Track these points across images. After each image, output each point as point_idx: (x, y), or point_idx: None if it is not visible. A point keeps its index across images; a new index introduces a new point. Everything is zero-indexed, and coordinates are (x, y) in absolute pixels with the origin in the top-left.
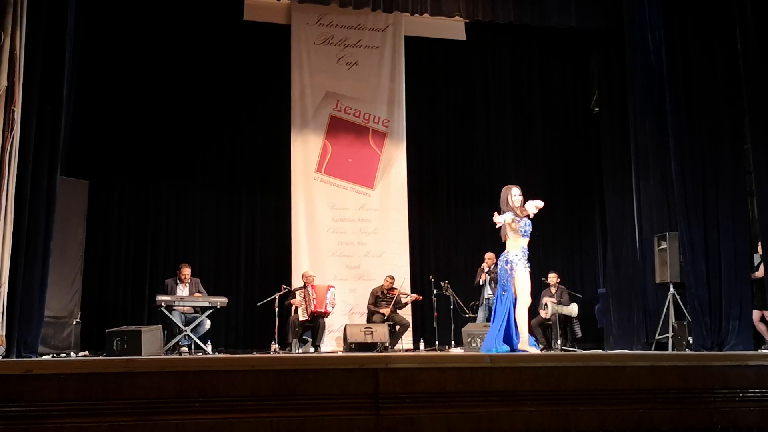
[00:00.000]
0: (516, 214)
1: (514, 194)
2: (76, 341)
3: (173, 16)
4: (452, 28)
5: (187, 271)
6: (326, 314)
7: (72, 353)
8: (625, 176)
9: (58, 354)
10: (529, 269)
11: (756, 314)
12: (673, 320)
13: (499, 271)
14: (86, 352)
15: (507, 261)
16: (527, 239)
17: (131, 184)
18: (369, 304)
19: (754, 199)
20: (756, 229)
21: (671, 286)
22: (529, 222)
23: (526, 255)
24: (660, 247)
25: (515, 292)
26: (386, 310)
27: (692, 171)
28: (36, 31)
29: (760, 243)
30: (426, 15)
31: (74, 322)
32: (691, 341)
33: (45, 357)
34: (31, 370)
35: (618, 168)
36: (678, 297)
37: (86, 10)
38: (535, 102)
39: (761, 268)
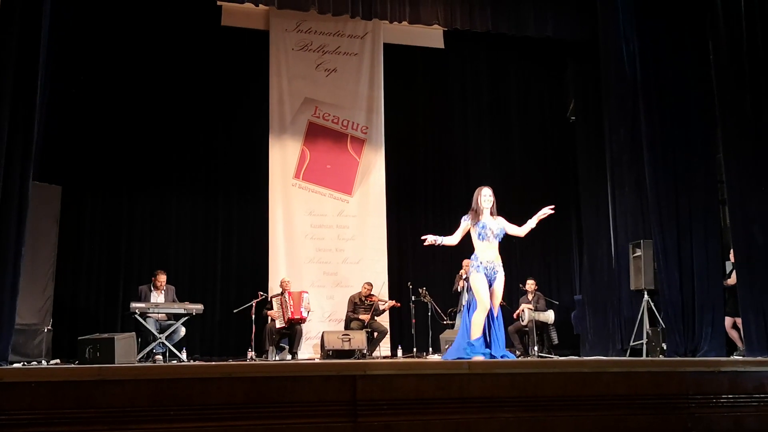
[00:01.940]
0: (474, 217)
1: (484, 194)
2: (47, 349)
3: (150, 21)
4: (430, 36)
5: (162, 278)
6: (303, 320)
7: (43, 361)
8: (600, 184)
9: (28, 362)
10: (492, 274)
11: (728, 321)
12: (648, 327)
13: None
14: (58, 360)
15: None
16: (485, 243)
17: (105, 190)
18: (348, 311)
19: (725, 207)
20: (728, 237)
21: (645, 293)
22: (486, 225)
23: (487, 261)
24: (634, 255)
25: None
26: (365, 317)
27: (665, 180)
28: (9, 35)
29: (732, 251)
30: (405, 23)
31: (46, 330)
32: (665, 347)
33: (15, 365)
34: (2, 379)
35: (593, 176)
36: (652, 304)
37: (61, 14)
38: (512, 110)
39: (733, 275)
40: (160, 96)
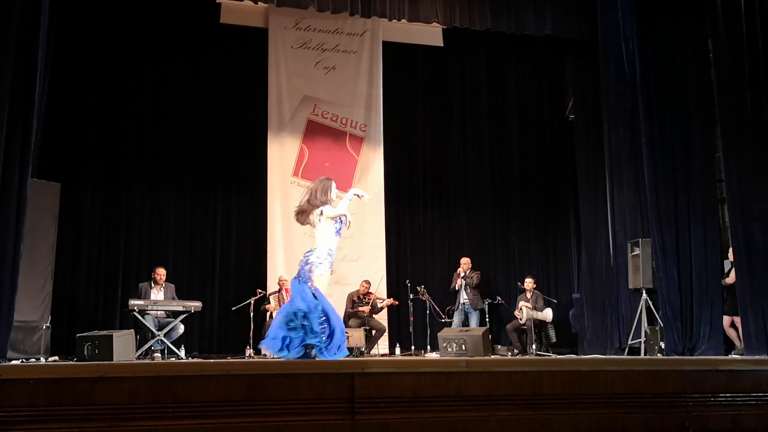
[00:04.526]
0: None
1: (334, 188)
2: (46, 346)
3: (149, 18)
4: (429, 34)
5: (162, 272)
6: None
7: (42, 358)
8: (599, 183)
9: (27, 359)
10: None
11: (726, 320)
12: (646, 325)
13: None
14: (56, 357)
15: (308, 262)
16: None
17: (104, 187)
18: (347, 309)
19: (724, 206)
20: (726, 236)
21: (644, 291)
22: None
23: (331, 257)
24: (633, 253)
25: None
26: (366, 308)
27: (664, 178)
28: (7, 32)
29: (730, 250)
30: (404, 21)
31: (44, 327)
32: (663, 346)
33: (14, 362)
34: (0, 375)
35: (592, 174)
36: (650, 302)
37: (60, 10)
38: (510, 108)
39: (732, 274)
40: (159, 93)
